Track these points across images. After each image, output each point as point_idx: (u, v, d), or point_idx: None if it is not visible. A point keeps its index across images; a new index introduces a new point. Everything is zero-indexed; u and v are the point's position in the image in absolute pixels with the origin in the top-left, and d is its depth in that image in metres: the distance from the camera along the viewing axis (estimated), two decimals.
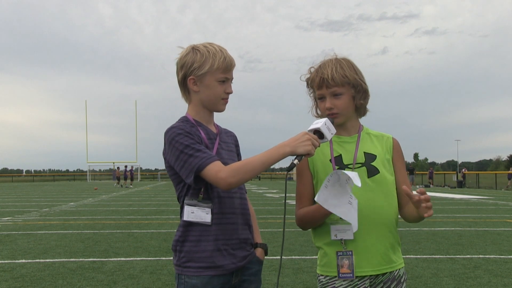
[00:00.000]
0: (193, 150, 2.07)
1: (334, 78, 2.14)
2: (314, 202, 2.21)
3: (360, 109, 2.25)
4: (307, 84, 2.28)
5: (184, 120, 2.25)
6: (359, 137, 2.24)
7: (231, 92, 2.26)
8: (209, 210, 2.13)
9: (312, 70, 2.24)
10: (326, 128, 2.02)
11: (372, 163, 2.18)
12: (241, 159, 2.37)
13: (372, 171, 2.17)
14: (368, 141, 2.25)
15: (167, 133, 2.15)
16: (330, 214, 2.10)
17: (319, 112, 2.27)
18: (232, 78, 2.27)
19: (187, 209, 2.14)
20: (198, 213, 2.13)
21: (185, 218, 2.14)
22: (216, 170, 2.01)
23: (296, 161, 1.99)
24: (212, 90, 2.21)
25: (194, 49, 2.23)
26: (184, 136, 2.11)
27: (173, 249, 2.22)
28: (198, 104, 2.25)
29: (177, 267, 2.18)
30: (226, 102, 2.26)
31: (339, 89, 2.16)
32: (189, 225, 2.15)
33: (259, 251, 2.30)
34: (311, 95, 2.28)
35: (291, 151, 1.97)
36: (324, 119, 2.04)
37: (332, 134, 2.04)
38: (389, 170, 2.21)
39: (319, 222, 2.17)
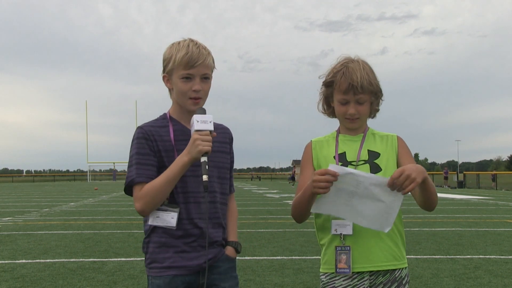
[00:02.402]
0: (134, 161, 2.12)
1: (363, 86, 2.14)
2: None
3: (372, 113, 2.29)
4: (325, 84, 2.25)
5: (161, 117, 2.23)
6: (365, 136, 2.27)
7: (198, 90, 2.12)
8: (175, 214, 2.11)
9: (335, 71, 2.21)
10: (202, 124, 2.01)
11: (375, 161, 2.20)
12: (233, 158, 2.36)
13: (375, 168, 2.18)
14: (373, 141, 2.27)
15: (135, 130, 2.18)
16: (310, 202, 2.06)
17: (326, 108, 2.30)
18: (202, 75, 2.13)
19: (152, 213, 2.13)
20: (163, 217, 2.12)
21: (150, 222, 2.14)
22: (135, 195, 2.10)
23: (203, 159, 1.99)
24: (177, 88, 2.15)
25: (170, 45, 2.19)
26: (139, 142, 2.13)
27: (142, 251, 2.24)
28: (175, 102, 2.23)
29: (146, 268, 2.21)
30: (196, 102, 2.14)
31: (364, 96, 2.17)
32: (154, 227, 2.15)
33: (228, 249, 2.26)
34: (322, 92, 2.28)
35: (189, 159, 2.01)
36: (194, 117, 2.03)
37: (210, 122, 2.03)
38: (393, 168, 2.21)
39: (304, 206, 2.11)
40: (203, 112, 2.07)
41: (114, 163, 78.06)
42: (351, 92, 2.15)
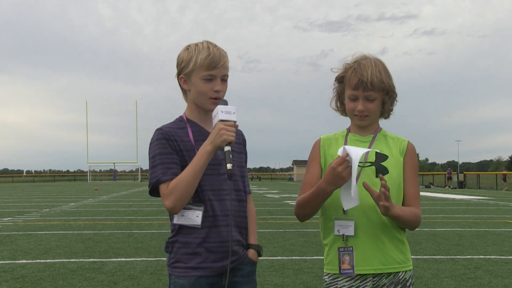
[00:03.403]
0: (158, 161, 2.12)
1: (373, 83, 2.13)
2: None
3: (385, 113, 2.27)
4: (337, 79, 2.26)
5: (177, 120, 2.26)
6: (374, 138, 2.25)
7: (219, 90, 2.16)
8: (200, 212, 2.13)
9: (347, 66, 2.22)
10: (226, 114, 2.04)
11: (382, 163, 2.18)
12: (246, 159, 2.38)
13: (381, 171, 2.16)
14: (383, 143, 2.25)
15: (153, 133, 2.20)
16: (324, 201, 2.09)
17: (339, 105, 2.29)
18: (222, 76, 2.18)
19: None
20: (188, 216, 2.13)
21: (175, 221, 2.15)
22: (163, 193, 2.10)
23: (227, 148, 2.02)
24: (198, 89, 2.17)
25: (187, 47, 2.22)
26: (160, 143, 2.14)
27: (165, 250, 2.24)
28: (191, 103, 2.25)
29: (168, 267, 2.21)
30: (216, 102, 2.16)
31: (374, 93, 2.16)
32: (180, 227, 2.16)
33: (251, 252, 2.27)
34: (335, 89, 2.29)
35: (212, 148, 2.03)
36: (218, 107, 2.06)
37: (234, 113, 2.06)
38: (400, 172, 2.20)
39: (312, 206, 2.14)
40: (226, 103, 2.10)
41: (114, 163, 78.01)
42: (360, 88, 2.15)
